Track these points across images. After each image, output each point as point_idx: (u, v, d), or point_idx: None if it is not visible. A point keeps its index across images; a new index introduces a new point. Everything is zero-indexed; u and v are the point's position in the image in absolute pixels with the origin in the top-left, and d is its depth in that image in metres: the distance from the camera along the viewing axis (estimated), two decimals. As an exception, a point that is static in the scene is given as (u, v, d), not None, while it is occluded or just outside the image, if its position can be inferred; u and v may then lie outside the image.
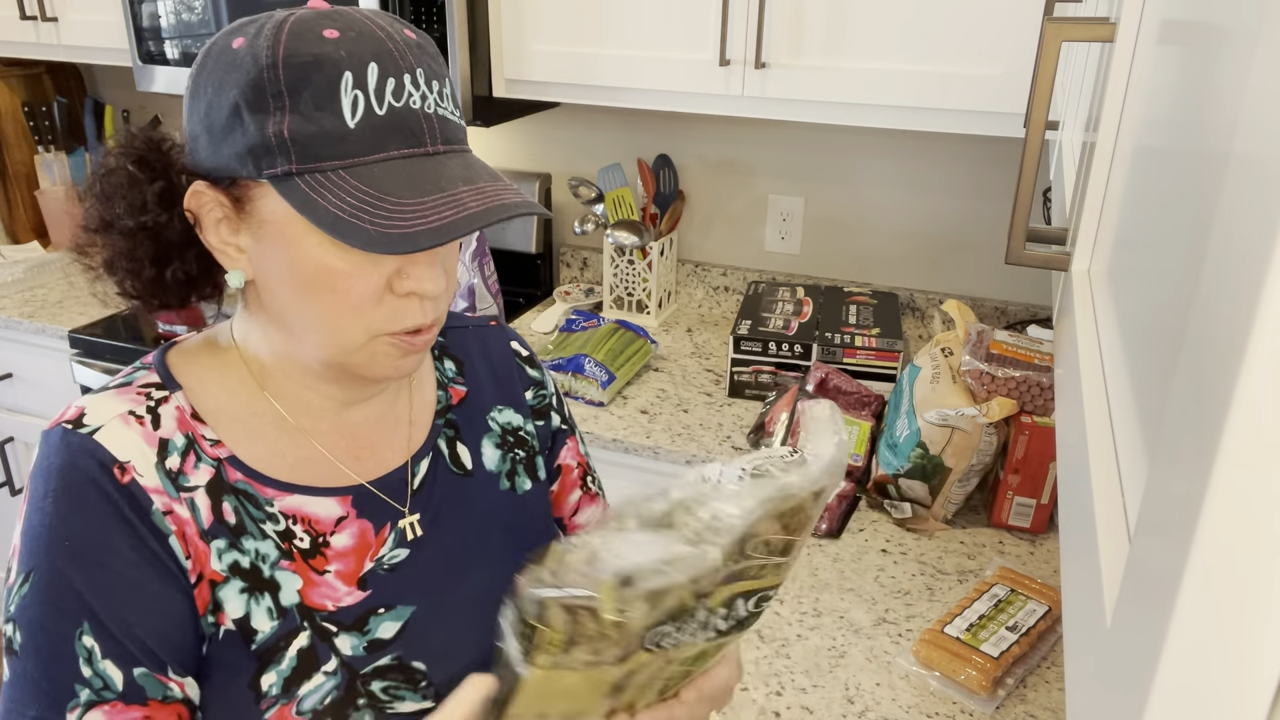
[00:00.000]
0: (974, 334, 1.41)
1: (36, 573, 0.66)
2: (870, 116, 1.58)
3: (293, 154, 0.64)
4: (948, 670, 1.07)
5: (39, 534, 0.67)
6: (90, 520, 0.67)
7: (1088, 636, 0.35)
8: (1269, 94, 0.22)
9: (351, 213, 0.63)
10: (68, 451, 0.68)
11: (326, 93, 0.63)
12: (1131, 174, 0.51)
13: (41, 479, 0.68)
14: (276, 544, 0.72)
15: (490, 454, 0.86)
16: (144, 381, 0.74)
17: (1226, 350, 0.22)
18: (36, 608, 0.66)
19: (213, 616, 0.70)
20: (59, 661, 0.66)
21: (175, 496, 0.70)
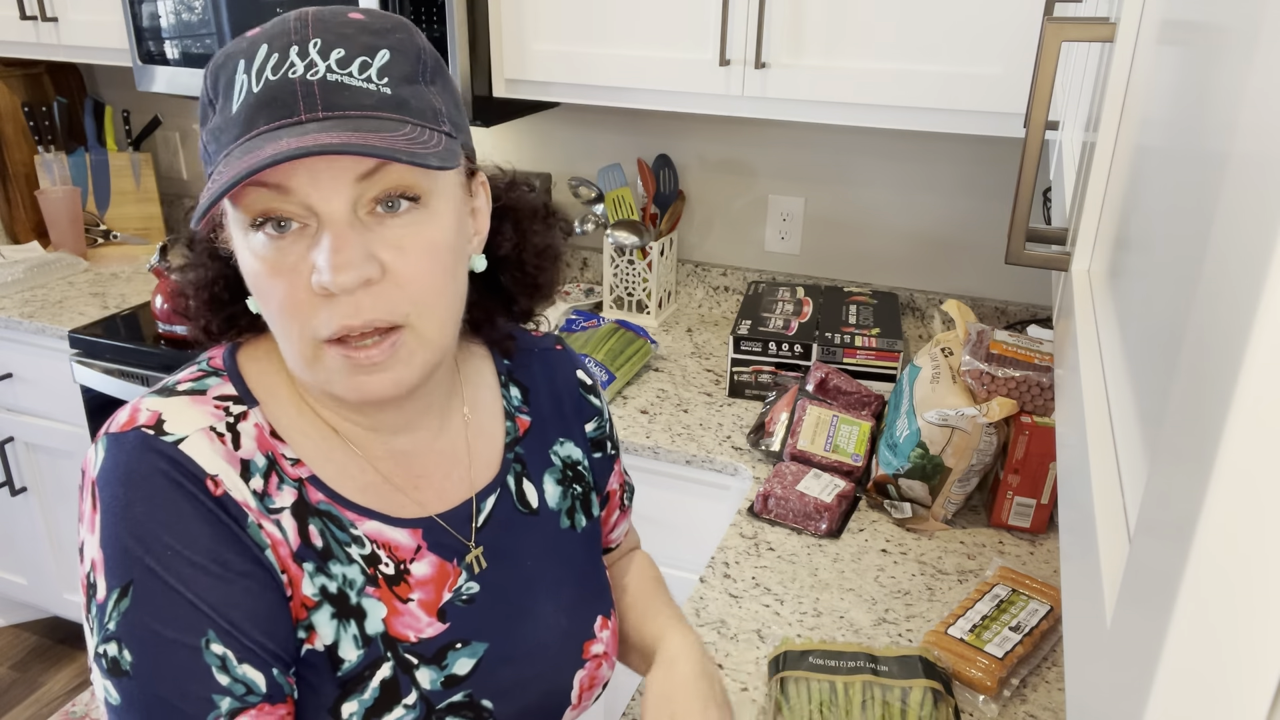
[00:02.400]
0: (974, 334, 1.41)
1: (138, 585, 0.61)
2: (870, 116, 1.58)
3: (209, 156, 0.63)
4: (952, 671, 1.07)
5: (131, 542, 0.61)
6: (193, 525, 0.62)
7: (1088, 636, 0.35)
8: (1269, 94, 0.22)
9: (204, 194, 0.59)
10: (155, 456, 0.63)
11: (229, 87, 0.61)
12: (1131, 174, 0.51)
13: (122, 485, 0.62)
14: (362, 569, 0.69)
15: (552, 490, 0.83)
16: (220, 393, 0.68)
17: (1226, 350, 0.22)
18: (148, 621, 0.60)
19: (304, 633, 0.67)
20: (190, 674, 0.61)
21: (266, 514, 0.66)
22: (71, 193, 2.36)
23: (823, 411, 1.50)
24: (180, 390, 0.68)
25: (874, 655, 1.04)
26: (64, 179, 2.44)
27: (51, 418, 2.14)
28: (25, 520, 2.30)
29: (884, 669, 1.02)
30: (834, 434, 1.47)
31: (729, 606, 1.20)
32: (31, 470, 2.24)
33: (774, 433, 1.52)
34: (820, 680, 1.01)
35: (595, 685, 0.83)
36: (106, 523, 0.62)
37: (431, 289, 0.65)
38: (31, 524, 2.29)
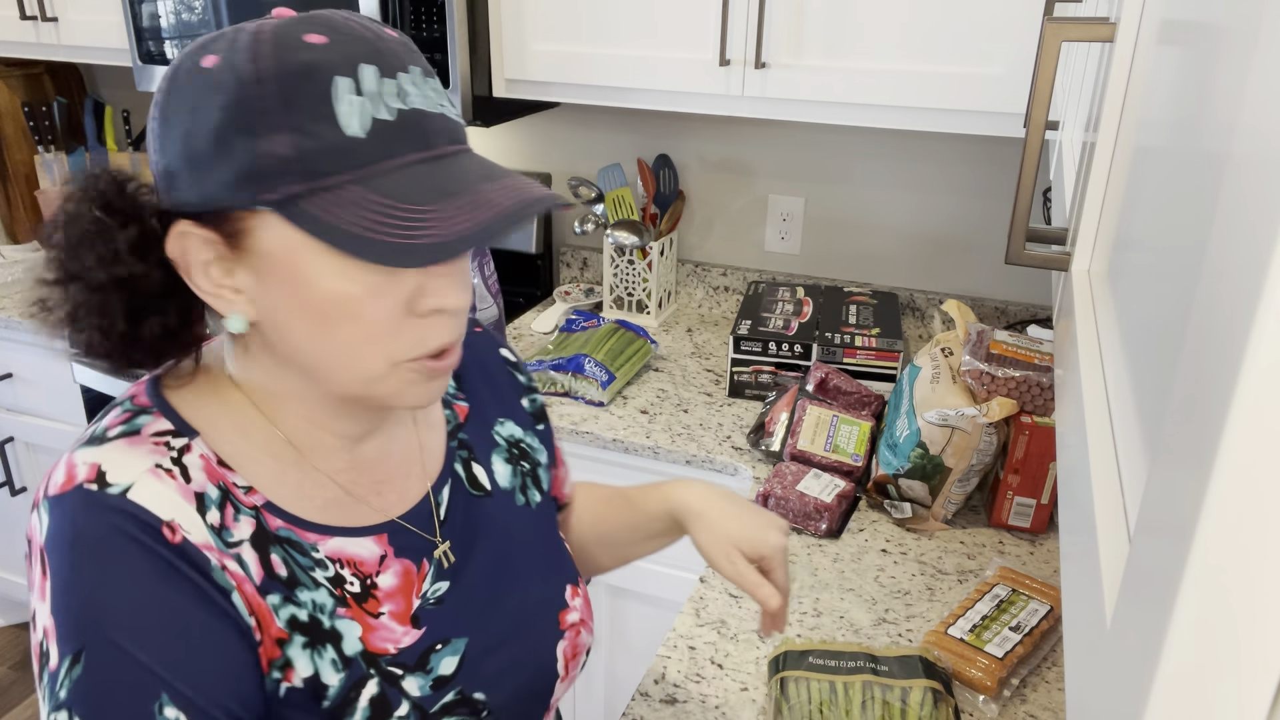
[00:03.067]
0: (974, 334, 1.41)
1: (88, 652, 0.58)
2: (870, 116, 1.58)
3: (294, 174, 0.58)
4: (952, 671, 1.07)
5: (80, 609, 0.59)
6: (146, 584, 0.60)
7: (1088, 636, 0.35)
8: (1269, 94, 0.22)
9: (371, 228, 0.57)
10: (99, 515, 0.60)
11: (320, 102, 0.57)
12: (1131, 174, 0.51)
13: (69, 550, 0.59)
14: (330, 591, 0.68)
15: (502, 470, 0.84)
16: (156, 429, 0.65)
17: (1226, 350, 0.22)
18: (98, 690, 0.58)
19: (279, 673, 0.65)
20: None
21: (225, 552, 0.64)
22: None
23: (823, 411, 1.50)
24: (112, 436, 0.64)
25: (874, 655, 1.04)
26: (64, 179, 2.44)
27: (51, 418, 2.14)
28: (25, 520, 2.30)
29: (884, 669, 1.02)
30: (834, 434, 1.47)
31: (729, 606, 1.20)
32: (31, 470, 2.24)
33: (774, 433, 1.52)
34: (820, 680, 1.01)
35: (578, 653, 0.84)
36: (57, 589, 0.59)
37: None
38: (31, 524, 2.29)
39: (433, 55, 1.71)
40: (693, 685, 1.08)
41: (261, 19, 0.62)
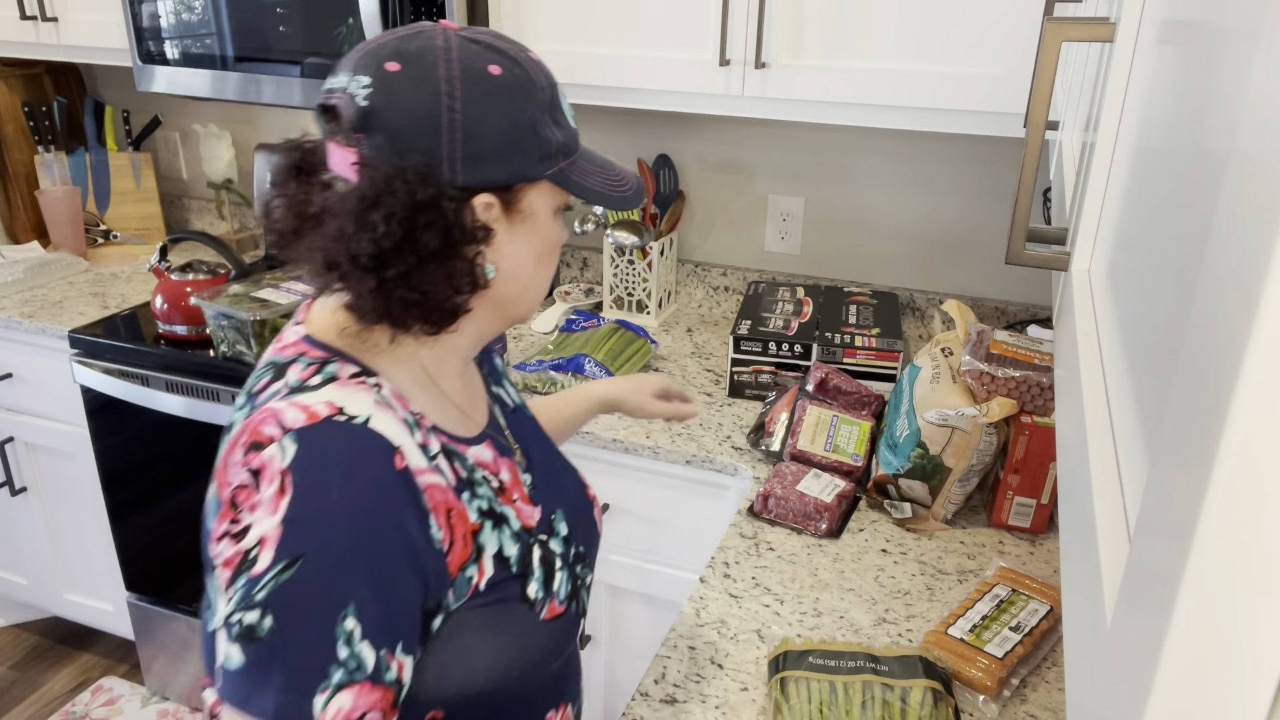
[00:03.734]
0: (974, 334, 1.41)
1: (309, 558, 0.66)
2: (870, 116, 1.58)
3: (562, 154, 0.79)
4: (952, 671, 1.07)
5: (317, 521, 0.67)
6: (377, 505, 0.69)
7: (1088, 636, 0.35)
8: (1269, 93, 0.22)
9: (602, 187, 0.81)
10: (351, 441, 0.70)
11: (560, 108, 0.79)
12: (1131, 174, 0.51)
13: (316, 470, 0.68)
14: (487, 488, 0.81)
15: (511, 391, 1.00)
16: (350, 373, 0.76)
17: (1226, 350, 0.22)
18: (299, 592, 0.66)
19: (472, 569, 0.76)
20: (316, 647, 0.66)
21: (431, 468, 0.74)
22: (71, 193, 2.36)
23: (823, 411, 1.50)
24: (316, 384, 0.74)
25: (874, 655, 1.04)
26: (64, 179, 2.44)
27: (51, 418, 2.14)
28: (25, 520, 2.30)
29: (884, 669, 1.02)
30: (834, 434, 1.47)
31: (729, 606, 1.20)
32: (31, 470, 2.24)
33: (774, 433, 1.52)
34: (820, 680, 1.01)
35: (601, 523, 1.02)
36: (295, 503, 0.67)
37: None
38: (31, 524, 2.29)
39: (433, 55, 1.71)
40: (693, 685, 1.08)
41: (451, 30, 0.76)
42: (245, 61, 1.90)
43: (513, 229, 0.78)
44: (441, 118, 0.72)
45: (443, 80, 0.72)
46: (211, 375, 1.84)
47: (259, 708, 0.65)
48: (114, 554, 2.20)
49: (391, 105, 0.72)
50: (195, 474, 1.99)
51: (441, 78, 0.72)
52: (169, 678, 2.25)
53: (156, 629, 2.19)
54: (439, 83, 0.72)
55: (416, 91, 0.71)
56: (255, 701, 0.65)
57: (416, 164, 0.71)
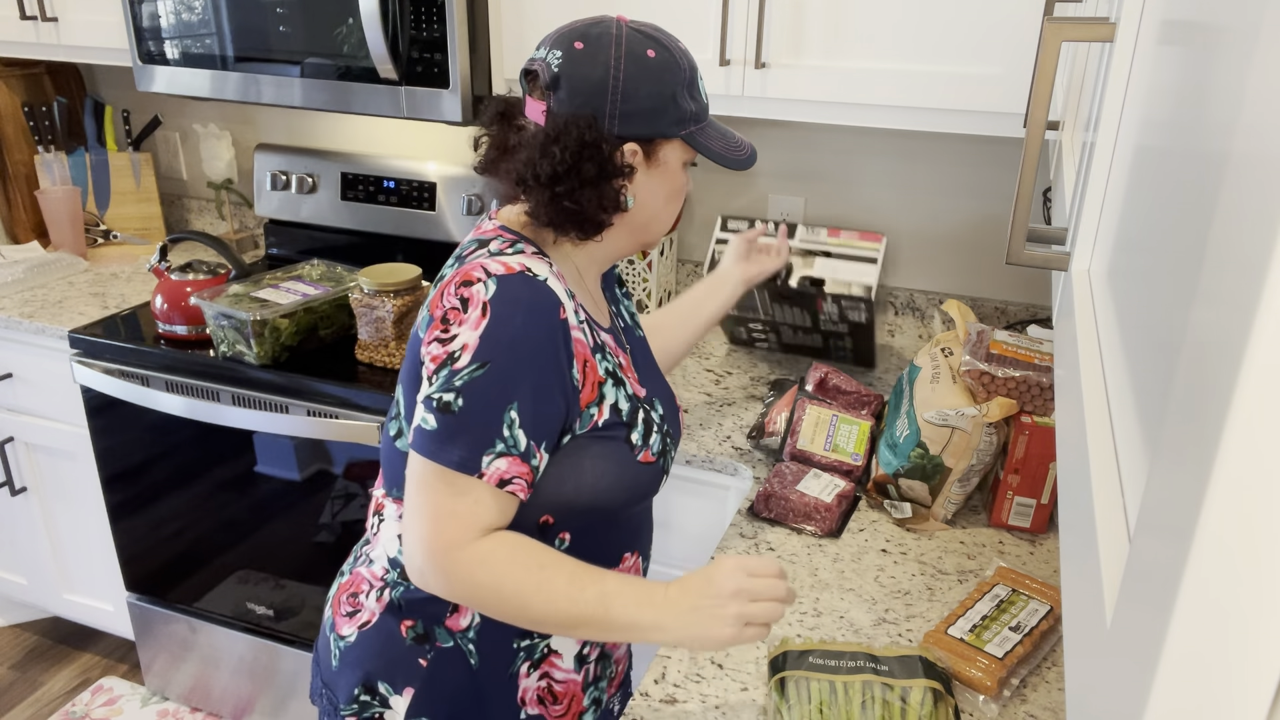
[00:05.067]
0: (974, 334, 1.41)
1: (493, 364, 0.91)
2: (870, 116, 1.58)
3: (694, 119, 1.03)
4: (952, 671, 1.07)
5: (502, 338, 0.91)
6: (543, 336, 0.93)
7: (1088, 636, 0.35)
8: (1269, 94, 0.22)
9: (722, 150, 1.05)
10: (531, 287, 0.93)
11: (697, 85, 1.04)
12: (1131, 174, 0.51)
13: (508, 303, 0.92)
14: (611, 358, 1.04)
15: (626, 313, 1.21)
16: (532, 250, 1.00)
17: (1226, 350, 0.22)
18: (485, 385, 0.91)
19: (595, 409, 0.99)
20: (489, 423, 0.91)
21: (579, 326, 0.98)
22: (71, 193, 2.36)
23: (822, 411, 1.50)
24: (510, 252, 0.98)
25: (874, 655, 1.04)
26: (64, 179, 2.44)
27: (51, 418, 2.14)
28: (25, 520, 2.30)
29: (884, 669, 1.02)
30: (833, 433, 1.47)
31: (729, 606, 1.20)
32: (31, 470, 2.24)
33: (774, 432, 1.52)
34: (820, 680, 1.01)
35: (682, 427, 1.26)
36: (492, 324, 0.91)
37: None
38: (31, 524, 2.29)
39: (433, 55, 1.71)
40: (693, 685, 1.08)
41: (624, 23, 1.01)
42: (245, 61, 1.90)
43: (650, 172, 1.03)
44: (608, 84, 0.97)
45: (612, 58, 0.97)
46: (211, 375, 1.84)
47: (445, 459, 0.91)
48: (114, 554, 2.20)
49: (575, 73, 0.97)
50: (195, 474, 1.99)
51: (612, 56, 0.97)
52: (169, 678, 2.25)
53: (156, 629, 2.19)
54: (610, 59, 0.97)
55: (593, 65, 0.97)
56: (442, 455, 0.91)
57: (587, 115, 0.97)
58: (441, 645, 1.04)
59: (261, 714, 2.16)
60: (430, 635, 1.04)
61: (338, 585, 1.14)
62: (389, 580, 1.06)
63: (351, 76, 1.81)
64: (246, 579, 2.03)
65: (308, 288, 1.87)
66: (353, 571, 1.12)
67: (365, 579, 1.09)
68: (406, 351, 1.04)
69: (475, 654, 1.04)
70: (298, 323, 1.82)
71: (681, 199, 1.08)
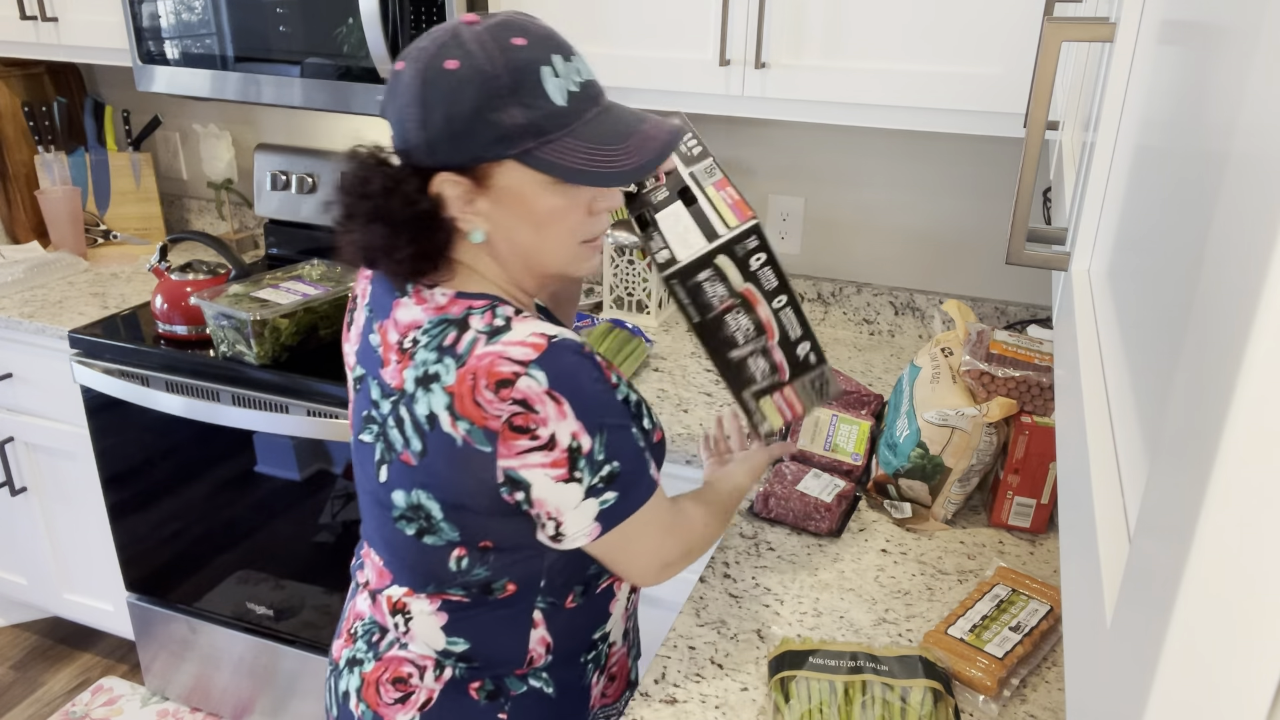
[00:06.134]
0: (974, 334, 1.41)
1: (606, 424, 0.90)
2: (870, 116, 1.58)
3: (529, 135, 0.86)
4: (952, 671, 1.07)
5: (594, 405, 0.89)
6: (604, 371, 0.92)
7: (1088, 636, 0.35)
8: (1269, 94, 0.22)
9: (587, 164, 0.87)
10: (572, 350, 0.90)
11: (535, 84, 0.86)
12: (1131, 174, 0.51)
13: (568, 378, 0.88)
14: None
15: None
16: (513, 311, 0.93)
17: (1226, 350, 0.22)
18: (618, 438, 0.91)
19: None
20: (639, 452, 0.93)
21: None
22: (71, 193, 2.36)
23: (822, 411, 1.50)
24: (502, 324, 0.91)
25: (874, 655, 1.04)
26: (64, 179, 2.44)
27: (51, 418, 2.14)
28: (25, 520, 2.30)
29: (884, 669, 1.02)
30: (833, 433, 1.47)
31: (729, 606, 1.20)
32: (31, 470, 2.24)
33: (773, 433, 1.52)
34: (820, 680, 1.01)
35: None
36: (575, 404, 0.88)
37: None
38: (31, 524, 2.29)
39: (433, 55, 1.71)
40: (693, 685, 1.08)
41: (462, 24, 0.87)
42: (245, 61, 1.90)
43: (498, 202, 0.91)
44: (413, 109, 0.87)
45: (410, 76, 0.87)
46: (211, 375, 1.84)
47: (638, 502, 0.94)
48: (114, 554, 2.20)
49: (390, 104, 0.90)
50: (195, 474, 1.99)
51: (410, 75, 0.87)
52: (169, 678, 2.25)
53: (156, 629, 2.19)
54: (409, 79, 0.87)
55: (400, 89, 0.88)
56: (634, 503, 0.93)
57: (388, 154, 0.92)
58: (516, 693, 1.03)
59: (261, 714, 2.16)
60: (502, 689, 1.03)
61: (360, 676, 1.06)
62: (444, 661, 1.02)
63: (351, 76, 1.81)
64: (246, 579, 2.03)
65: (308, 288, 1.87)
66: (384, 658, 1.05)
67: (409, 661, 1.03)
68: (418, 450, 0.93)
69: (551, 684, 1.05)
70: (298, 323, 1.82)
71: (566, 223, 0.93)
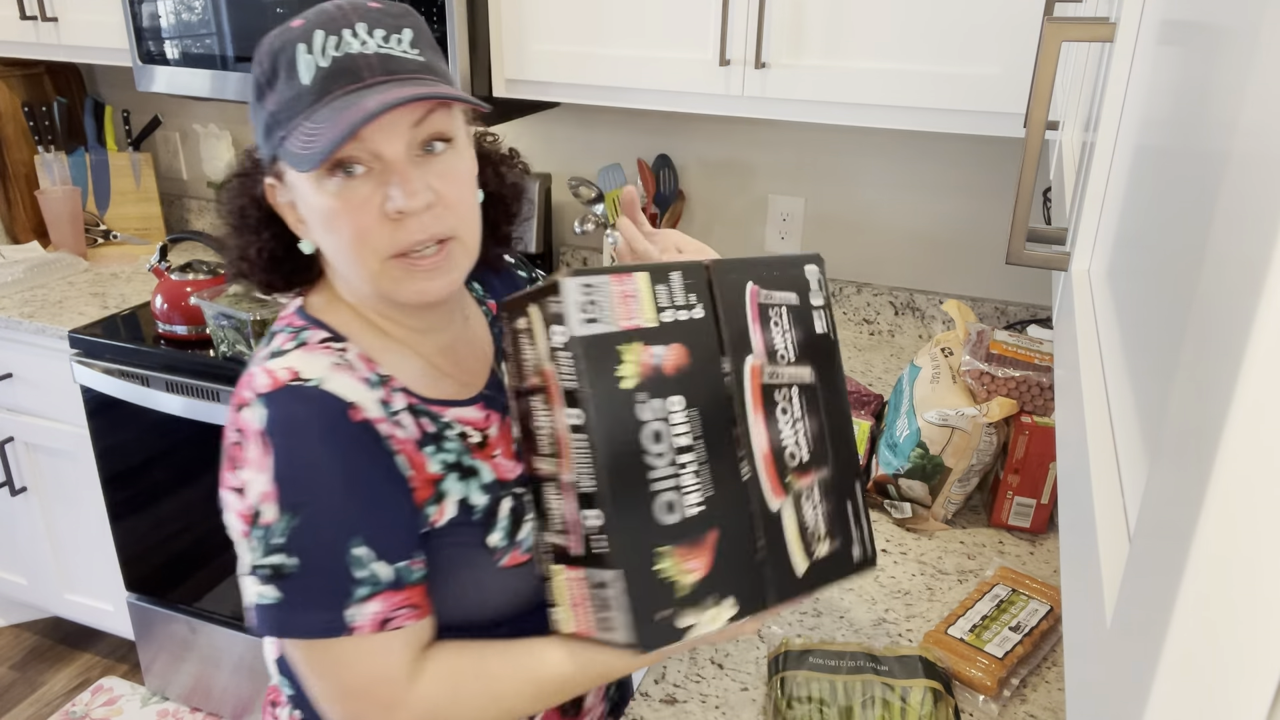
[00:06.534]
0: (974, 334, 1.41)
1: (307, 506, 0.76)
2: (870, 116, 1.58)
3: (281, 124, 0.77)
4: (952, 671, 1.07)
5: (301, 473, 0.76)
6: (348, 453, 0.78)
7: (1088, 636, 0.35)
8: (1269, 93, 0.22)
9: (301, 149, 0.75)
10: (308, 402, 0.78)
11: (290, 66, 0.76)
12: (1131, 174, 0.51)
13: (288, 431, 0.77)
14: (461, 444, 0.87)
15: None
16: (320, 338, 0.84)
17: (1226, 350, 0.22)
18: (311, 534, 0.76)
19: (433, 508, 0.83)
20: (336, 573, 0.76)
21: (392, 421, 0.82)
22: (71, 193, 2.36)
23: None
24: (289, 348, 0.82)
25: (874, 655, 1.04)
26: (64, 179, 2.44)
27: (51, 418, 2.14)
28: (25, 520, 2.30)
29: (884, 669, 1.02)
30: (834, 434, 1.47)
31: (729, 606, 1.20)
32: (31, 470, 2.24)
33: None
34: (820, 680, 1.01)
35: None
36: (281, 462, 0.76)
37: (470, 209, 0.84)
38: (31, 524, 2.29)
39: (433, 55, 1.71)
40: (693, 685, 1.08)
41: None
42: (245, 61, 1.90)
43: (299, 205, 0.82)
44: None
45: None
46: (211, 375, 1.84)
47: (300, 631, 0.77)
48: (114, 554, 2.20)
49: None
50: (195, 474, 1.99)
51: None
52: (169, 678, 2.25)
53: (156, 629, 2.19)
54: None
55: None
56: (294, 627, 0.77)
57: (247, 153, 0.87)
58: None
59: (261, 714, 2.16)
60: None
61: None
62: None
63: (351, 76, 1.80)
64: (246, 579, 2.03)
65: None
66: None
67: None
68: None
69: None
70: (298, 323, 1.82)
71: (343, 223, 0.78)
